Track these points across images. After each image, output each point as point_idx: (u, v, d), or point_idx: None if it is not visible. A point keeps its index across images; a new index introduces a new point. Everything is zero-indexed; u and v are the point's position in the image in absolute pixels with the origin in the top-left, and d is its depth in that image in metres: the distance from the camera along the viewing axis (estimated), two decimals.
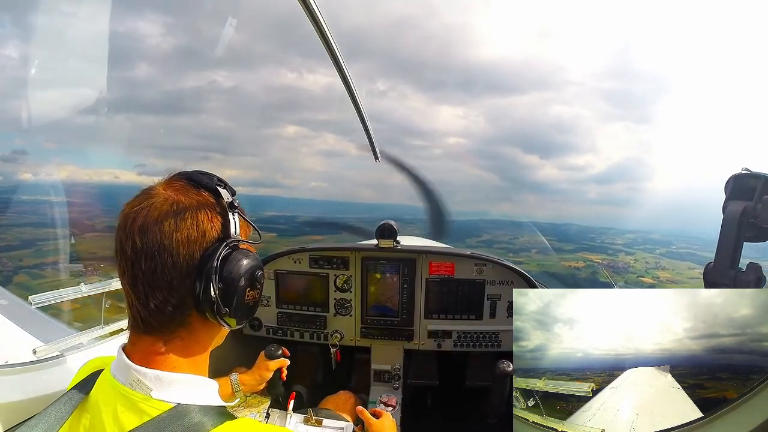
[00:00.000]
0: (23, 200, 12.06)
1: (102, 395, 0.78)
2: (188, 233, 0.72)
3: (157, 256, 0.71)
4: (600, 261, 31.30)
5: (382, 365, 2.20)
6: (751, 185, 1.03)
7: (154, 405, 0.72)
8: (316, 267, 2.13)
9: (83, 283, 1.46)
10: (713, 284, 1.05)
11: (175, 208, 0.73)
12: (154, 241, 0.71)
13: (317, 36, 1.57)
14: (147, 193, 0.76)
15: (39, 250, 12.24)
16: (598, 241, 35.77)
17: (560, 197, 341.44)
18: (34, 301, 1.33)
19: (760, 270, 1.01)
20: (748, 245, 1.03)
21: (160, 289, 0.72)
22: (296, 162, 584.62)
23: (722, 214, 1.06)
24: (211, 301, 0.72)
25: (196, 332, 0.78)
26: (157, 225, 0.71)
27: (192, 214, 0.73)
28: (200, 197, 0.76)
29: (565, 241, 35.68)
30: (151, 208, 0.72)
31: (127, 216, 0.73)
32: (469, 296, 2.09)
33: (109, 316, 1.50)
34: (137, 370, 0.74)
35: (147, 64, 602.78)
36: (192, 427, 0.69)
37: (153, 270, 0.71)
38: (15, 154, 22.70)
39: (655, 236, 36.96)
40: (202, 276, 0.72)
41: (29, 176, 11.30)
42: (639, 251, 33.02)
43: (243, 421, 0.75)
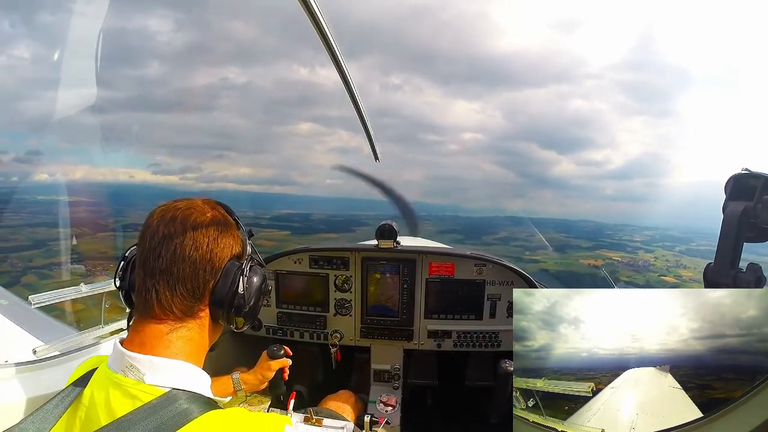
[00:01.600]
0: (37, 200, 12.07)
1: (96, 387, 0.79)
2: (225, 243, 0.86)
3: (199, 253, 0.82)
4: (619, 259, 30.60)
5: (382, 365, 2.20)
6: (751, 185, 1.03)
7: (146, 390, 0.73)
8: (317, 267, 2.13)
9: (83, 283, 1.46)
10: (713, 284, 1.05)
11: (218, 222, 0.87)
12: (201, 241, 0.82)
13: (317, 36, 1.56)
14: (192, 200, 0.89)
15: (49, 250, 12.24)
16: (615, 238, 35.03)
17: (577, 193, 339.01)
18: (34, 301, 1.33)
19: (760, 270, 1.01)
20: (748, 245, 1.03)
21: (191, 280, 0.82)
22: (310, 159, 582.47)
23: (722, 214, 1.06)
24: (231, 303, 0.85)
25: (203, 326, 0.86)
26: (206, 228, 0.84)
27: (230, 232, 0.89)
28: (230, 221, 0.91)
29: (582, 238, 35.04)
30: (201, 214, 0.85)
31: (175, 210, 0.84)
32: (469, 296, 2.09)
33: (109, 317, 1.50)
34: (130, 356, 0.76)
35: (158, 62, 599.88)
36: (180, 413, 0.71)
37: (194, 263, 0.81)
38: (29, 155, 22.89)
39: (673, 233, 35.95)
40: (233, 280, 0.85)
41: (45, 176, 11.34)
42: (658, 248, 32.27)
43: (232, 409, 0.77)
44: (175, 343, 0.80)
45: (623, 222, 44.83)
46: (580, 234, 36.65)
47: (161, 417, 0.70)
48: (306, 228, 32.24)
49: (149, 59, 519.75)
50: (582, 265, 29.33)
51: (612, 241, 34.19)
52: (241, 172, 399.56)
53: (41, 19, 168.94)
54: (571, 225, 43.25)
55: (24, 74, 67.65)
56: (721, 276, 1.04)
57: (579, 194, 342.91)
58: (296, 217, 36.89)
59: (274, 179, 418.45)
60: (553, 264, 27.67)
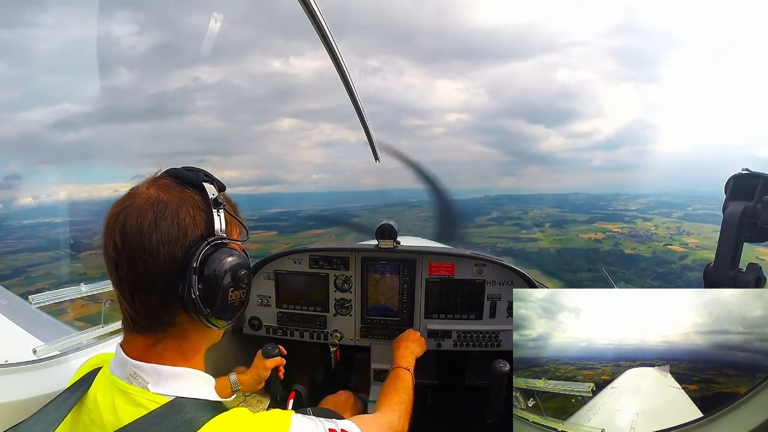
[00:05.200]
0: (15, 226, 11.72)
1: (100, 391, 0.78)
2: (168, 232, 0.71)
3: (138, 258, 0.70)
4: (619, 230, 30.03)
5: (382, 365, 2.20)
6: (751, 185, 1.03)
7: (152, 398, 0.72)
8: (316, 267, 2.13)
9: (83, 283, 1.46)
10: (713, 284, 1.05)
11: (156, 208, 0.71)
12: (134, 242, 0.70)
13: (315, 32, 1.55)
14: (131, 193, 0.75)
15: (28, 277, 11.82)
16: (609, 209, 34.34)
17: (565, 167, 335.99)
18: (34, 301, 1.33)
19: (760, 270, 1.01)
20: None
21: (145, 290, 0.72)
22: (296, 156, 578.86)
23: (722, 214, 1.06)
24: (193, 303, 0.71)
25: (187, 332, 0.78)
26: (137, 225, 0.70)
27: (173, 213, 0.72)
28: (183, 194, 0.74)
29: (577, 211, 34.34)
30: (132, 208, 0.71)
31: (110, 217, 0.73)
32: (469, 296, 2.09)
33: (109, 316, 1.50)
34: (134, 365, 0.74)
35: (126, 68, 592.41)
36: (187, 422, 0.69)
37: (135, 271, 0.70)
38: (9, 180, 22.06)
39: (667, 199, 35.28)
40: (184, 276, 0.71)
41: (29, 200, 11.25)
42: (656, 216, 31.57)
43: (235, 411, 0.75)
44: (166, 354, 0.76)
45: (614, 192, 43.69)
46: (573, 208, 35.93)
47: (167, 426, 0.68)
48: (293, 226, 31.56)
49: (116, 66, 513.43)
50: (582, 239, 28.67)
51: (607, 212, 33.55)
52: (227, 175, 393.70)
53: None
54: (562, 199, 42.13)
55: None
56: (721, 276, 1.04)
57: (567, 168, 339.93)
58: (284, 216, 36.35)
59: (261, 180, 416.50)
60: (552, 241, 26.86)
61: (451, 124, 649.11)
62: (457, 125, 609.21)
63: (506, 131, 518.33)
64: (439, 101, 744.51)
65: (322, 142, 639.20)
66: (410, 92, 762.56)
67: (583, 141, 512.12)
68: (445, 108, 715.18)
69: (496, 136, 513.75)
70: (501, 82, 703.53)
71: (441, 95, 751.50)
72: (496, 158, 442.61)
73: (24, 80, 38.00)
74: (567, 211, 34.39)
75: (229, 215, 0.79)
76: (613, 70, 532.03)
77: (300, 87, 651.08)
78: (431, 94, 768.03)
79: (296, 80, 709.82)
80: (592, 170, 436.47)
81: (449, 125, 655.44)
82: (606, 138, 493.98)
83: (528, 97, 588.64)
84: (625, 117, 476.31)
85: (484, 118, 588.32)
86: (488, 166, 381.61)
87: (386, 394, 1.40)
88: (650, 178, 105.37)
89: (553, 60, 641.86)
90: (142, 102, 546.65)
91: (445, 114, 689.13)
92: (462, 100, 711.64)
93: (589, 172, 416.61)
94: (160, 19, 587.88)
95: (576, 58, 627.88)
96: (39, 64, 40.58)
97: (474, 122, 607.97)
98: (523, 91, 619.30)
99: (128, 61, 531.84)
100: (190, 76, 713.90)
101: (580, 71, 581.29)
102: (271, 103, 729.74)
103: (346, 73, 2.09)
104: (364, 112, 2.63)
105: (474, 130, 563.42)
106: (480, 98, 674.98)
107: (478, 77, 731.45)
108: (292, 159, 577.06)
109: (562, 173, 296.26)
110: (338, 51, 1.79)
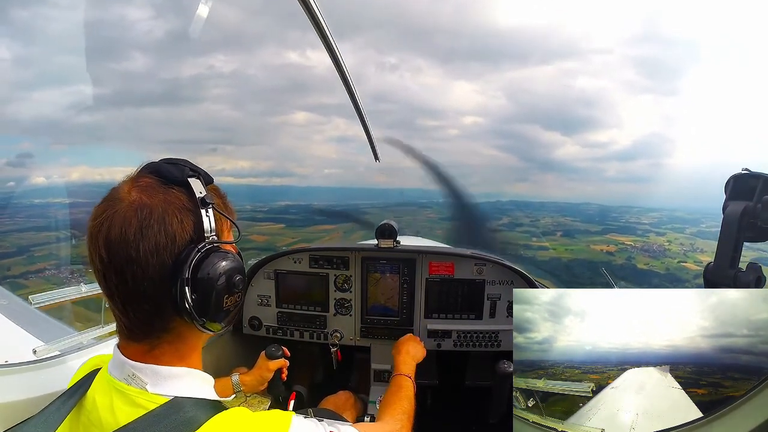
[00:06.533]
0: (25, 204, 11.76)
1: (99, 392, 0.78)
2: (156, 241, 0.67)
3: (126, 269, 0.67)
4: (632, 243, 29.36)
5: (382, 365, 2.20)
6: (751, 185, 1.02)
7: (150, 399, 0.72)
8: (316, 267, 2.13)
9: (83, 283, 1.46)
10: (713, 284, 1.05)
11: (140, 215, 0.67)
12: (121, 254, 0.67)
13: (312, 28, 1.55)
14: (112, 198, 0.71)
15: (31, 257, 11.77)
16: (621, 221, 33.84)
17: (578, 176, 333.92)
18: (34, 301, 1.33)
19: (760, 270, 1.01)
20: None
21: (137, 300, 0.70)
22: (308, 150, 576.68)
23: (722, 214, 1.06)
24: (188, 311, 0.70)
25: (183, 336, 0.77)
26: (122, 236, 0.66)
27: (158, 219, 0.68)
28: (168, 196, 0.71)
29: (588, 222, 33.94)
30: (115, 216, 0.67)
31: (93, 227, 0.69)
32: (469, 296, 2.09)
33: (109, 316, 1.50)
34: (132, 366, 0.74)
35: (141, 53, 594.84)
36: (186, 421, 0.69)
37: (125, 282, 0.68)
38: (21, 158, 22.39)
39: (680, 214, 34.70)
40: (176, 285, 0.68)
41: (42, 179, 11.24)
42: (669, 231, 31.00)
43: (235, 410, 0.75)
44: (163, 357, 0.76)
45: (627, 204, 42.90)
46: (585, 218, 35.50)
47: (166, 426, 0.68)
48: (302, 220, 31.24)
49: (132, 51, 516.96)
50: (594, 251, 28.13)
51: (619, 225, 33.01)
52: (239, 165, 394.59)
53: (15, 15, 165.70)
54: (573, 208, 41.48)
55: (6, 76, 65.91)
56: (721, 276, 1.04)
57: (582, 177, 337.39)
58: (293, 209, 36.03)
59: (272, 171, 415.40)
60: (564, 251, 26.38)
61: (466, 127, 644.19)
62: (472, 128, 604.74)
63: (522, 136, 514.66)
64: (456, 102, 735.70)
65: (335, 137, 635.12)
66: (427, 92, 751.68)
67: (600, 151, 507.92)
68: (462, 110, 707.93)
69: (510, 140, 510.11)
70: (519, 86, 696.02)
71: (458, 96, 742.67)
72: (510, 163, 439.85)
73: (38, 60, 37.70)
74: (579, 220, 33.88)
75: (218, 213, 0.76)
76: (633, 80, 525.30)
77: (316, 80, 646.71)
78: (448, 95, 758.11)
79: (312, 73, 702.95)
80: (607, 181, 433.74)
81: (464, 127, 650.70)
82: (623, 149, 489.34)
83: (545, 102, 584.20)
84: (644, 129, 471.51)
85: (500, 122, 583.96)
86: (501, 171, 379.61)
87: (389, 403, 1.40)
88: (663, 191, 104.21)
89: (572, 66, 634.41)
90: (157, 87, 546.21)
91: (462, 116, 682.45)
92: (479, 102, 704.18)
93: (603, 182, 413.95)
94: (176, 4, 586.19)
95: (597, 65, 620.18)
96: (54, 45, 40.09)
97: (489, 126, 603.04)
98: (541, 96, 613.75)
99: (144, 46, 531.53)
100: (205, 64, 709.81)
101: (601, 80, 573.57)
102: (286, 95, 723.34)
103: (346, 72, 2.09)
104: (364, 112, 2.63)
105: (489, 134, 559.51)
106: (497, 101, 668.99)
107: (495, 80, 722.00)
108: (305, 152, 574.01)
109: (576, 182, 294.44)
110: (338, 51, 1.80)
